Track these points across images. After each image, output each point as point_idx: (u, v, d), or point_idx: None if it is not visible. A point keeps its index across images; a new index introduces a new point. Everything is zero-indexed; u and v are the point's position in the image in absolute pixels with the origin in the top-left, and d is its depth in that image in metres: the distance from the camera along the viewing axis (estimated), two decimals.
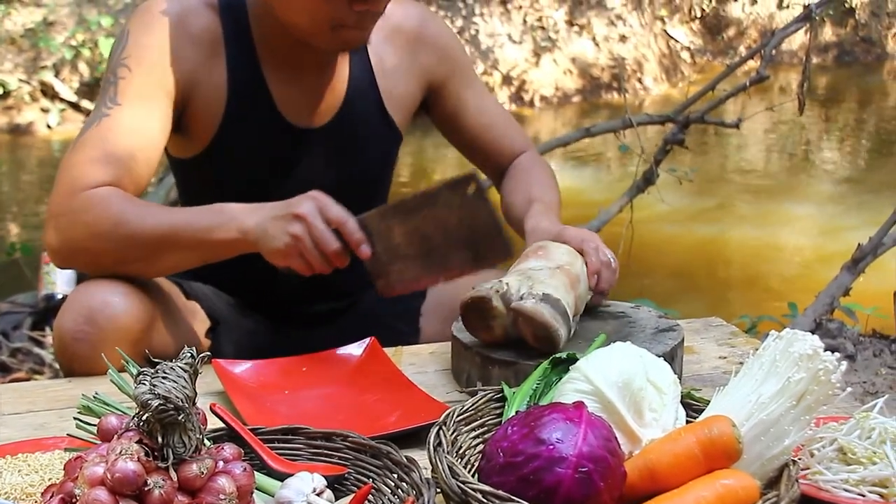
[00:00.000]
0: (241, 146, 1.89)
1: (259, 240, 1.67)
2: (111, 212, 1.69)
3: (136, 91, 1.76)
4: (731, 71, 4.26)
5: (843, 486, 1.28)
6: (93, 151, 1.73)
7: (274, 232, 1.65)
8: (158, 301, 1.79)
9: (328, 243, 1.64)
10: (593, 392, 1.23)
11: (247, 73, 1.86)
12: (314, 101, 1.92)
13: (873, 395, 2.94)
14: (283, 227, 1.65)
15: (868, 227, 4.03)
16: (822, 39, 11.66)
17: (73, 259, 1.75)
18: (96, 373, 1.64)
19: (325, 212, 1.65)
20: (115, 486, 1.00)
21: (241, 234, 1.68)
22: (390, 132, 2.01)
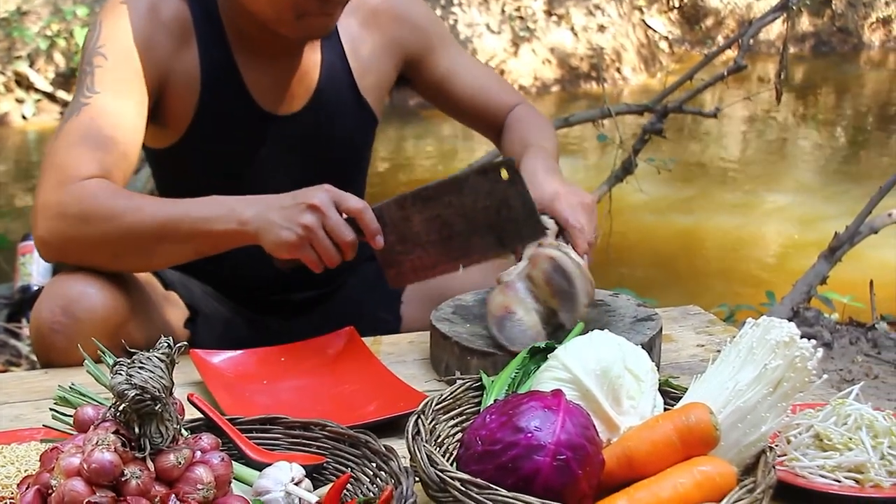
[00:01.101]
0: (215, 134, 1.88)
1: (261, 231, 1.64)
2: (104, 205, 1.67)
3: (113, 79, 1.75)
4: (709, 60, 4.27)
5: (819, 472, 1.29)
6: (77, 142, 1.72)
7: (282, 222, 1.62)
8: (136, 292, 1.78)
9: (344, 234, 1.61)
10: (571, 380, 1.23)
11: (218, 60, 1.85)
12: (287, 87, 1.91)
13: (850, 382, 2.96)
14: (294, 217, 1.61)
15: (845, 216, 4.06)
16: (799, 29, 11.71)
17: (63, 253, 1.73)
18: (73, 364, 1.62)
19: (341, 202, 1.63)
20: (92, 477, 1.00)
21: (240, 226, 1.65)
22: (365, 115, 2.01)
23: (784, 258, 5.53)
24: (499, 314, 1.61)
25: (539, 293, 1.61)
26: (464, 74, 2.07)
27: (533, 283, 1.61)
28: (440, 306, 1.76)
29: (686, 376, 1.47)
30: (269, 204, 1.65)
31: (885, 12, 12.17)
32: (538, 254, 1.62)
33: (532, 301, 1.61)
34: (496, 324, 1.61)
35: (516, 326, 1.59)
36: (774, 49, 10.65)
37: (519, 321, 1.59)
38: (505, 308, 1.61)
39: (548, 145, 1.96)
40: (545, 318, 1.61)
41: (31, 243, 3.59)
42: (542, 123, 2.07)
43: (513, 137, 2.03)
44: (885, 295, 3.77)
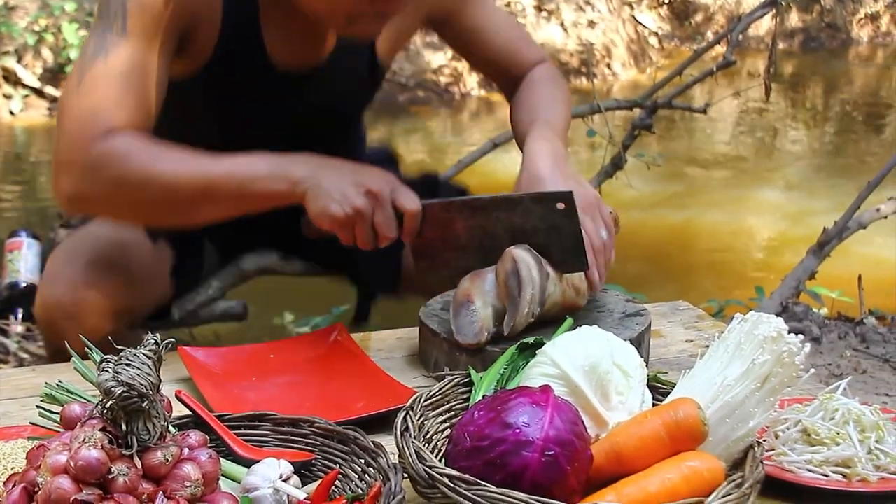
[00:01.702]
0: (225, 83, 1.83)
1: (311, 195, 1.58)
2: (139, 164, 1.58)
3: (145, 25, 1.65)
4: (699, 56, 4.27)
5: (806, 466, 1.29)
6: (104, 89, 1.61)
7: (336, 196, 1.57)
8: (133, 263, 1.76)
9: (389, 232, 1.60)
10: (560, 376, 1.23)
11: (242, 12, 1.79)
12: (305, 47, 1.88)
13: (838, 377, 2.97)
14: (350, 195, 1.58)
15: (833, 211, 4.07)
16: (788, 25, 11.72)
17: (89, 209, 1.67)
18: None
19: (397, 197, 1.61)
20: (79, 474, 0.99)
21: (291, 186, 1.59)
22: (376, 73, 1.99)
23: (773, 253, 5.54)
24: (459, 300, 1.61)
25: (498, 291, 1.60)
26: (491, 30, 2.03)
27: (495, 277, 1.61)
28: (429, 302, 1.76)
29: (675, 372, 1.47)
30: (325, 171, 1.60)
31: (873, 8, 12.20)
32: (508, 251, 1.60)
33: (494, 297, 1.60)
34: (454, 309, 1.60)
35: (469, 317, 1.58)
36: (764, 45, 10.67)
37: (473, 312, 1.58)
38: (466, 296, 1.60)
39: (556, 118, 1.90)
40: (499, 316, 1.59)
41: (19, 239, 3.58)
42: (556, 91, 2.01)
43: (522, 105, 1.98)
44: (873, 290, 3.78)
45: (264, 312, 4.18)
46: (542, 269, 1.59)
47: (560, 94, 2.02)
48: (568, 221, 1.60)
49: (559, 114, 1.94)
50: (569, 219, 1.59)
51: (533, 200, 1.61)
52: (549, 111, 1.93)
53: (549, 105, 1.96)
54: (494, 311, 1.59)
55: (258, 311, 4.09)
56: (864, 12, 12.27)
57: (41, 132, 7.77)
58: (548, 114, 1.92)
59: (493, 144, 4.27)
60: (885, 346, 3.26)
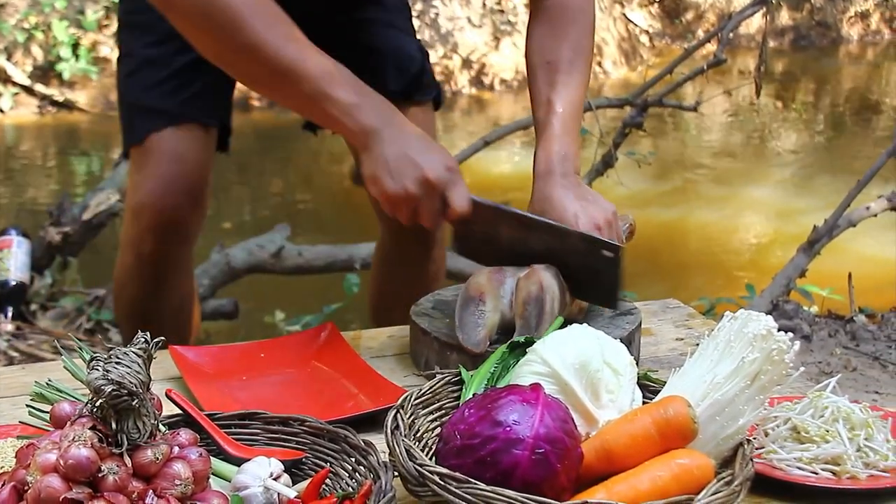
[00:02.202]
0: None
1: (370, 157, 1.59)
2: (247, 21, 1.56)
3: None
4: (689, 54, 4.28)
5: (796, 464, 1.30)
6: None
7: (393, 170, 1.57)
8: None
9: (431, 222, 1.61)
10: (550, 374, 1.23)
11: None
12: None
13: (828, 374, 2.98)
14: (405, 177, 1.56)
15: (823, 209, 4.08)
16: (778, 23, 11.74)
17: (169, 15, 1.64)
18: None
19: (451, 194, 1.59)
20: (69, 473, 0.99)
21: (357, 130, 1.59)
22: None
23: (763, 251, 5.56)
24: (471, 294, 1.60)
25: (514, 303, 1.59)
26: None
27: (516, 291, 1.59)
28: (419, 301, 1.76)
29: (665, 370, 1.47)
30: (392, 133, 1.59)
31: (862, 6, 12.22)
32: (537, 270, 1.59)
33: (507, 305, 1.59)
34: (462, 301, 1.59)
35: (475, 316, 1.57)
36: (754, 43, 10.68)
37: (480, 313, 1.57)
38: (479, 293, 1.59)
39: (574, 100, 1.81)
40: (503, 327, 1.59)
41: (8, 238, 3.57)
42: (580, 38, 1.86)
43: (540, 78, 1.83)
44: (863, 288, 3.79)
45: (255, 311, 4.18)
46: (563, 299, 1.58)
47: (585, 43, 1.87)
48: (611, 267, 1.59)
49: (577, 96, 1.83)
50: (613, 267, 1.59)
51: (581, 238, 1.60)
52: (568, 92, 1.81)
53: (566, 86, 1.82)
54: (501, 319, 1.58)
55: (249, 309, 4.10)
56: (853, 10, 12.30)
57: (31, 130, 7.75)
58: (566, 98, 1.81)
59: (483, 143, 4.27)
60: (875, 344, 3.28)
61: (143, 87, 2.02)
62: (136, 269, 2.06)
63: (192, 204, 2.01)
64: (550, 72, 1.81)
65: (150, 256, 2.02)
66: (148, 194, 1.98)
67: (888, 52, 11.90)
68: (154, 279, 2.06)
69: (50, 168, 7.18)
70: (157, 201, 1.97)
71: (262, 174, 6.72)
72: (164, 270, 2.06)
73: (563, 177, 1.71)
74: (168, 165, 1.97)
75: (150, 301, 2.09)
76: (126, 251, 2.07)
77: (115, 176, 4.11)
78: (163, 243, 2.01)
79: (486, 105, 9.14)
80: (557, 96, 1.78)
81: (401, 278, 2.33)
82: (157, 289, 2.08)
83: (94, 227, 3.92)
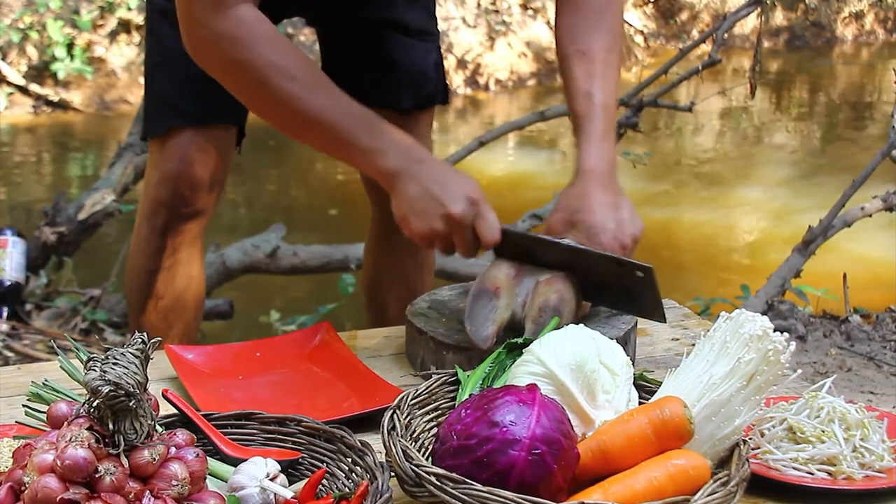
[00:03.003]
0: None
1: (397, 199, 1.63)
2: (260, 68, 1.63)
3: None
4: (684, 55, 4.28)
5: (792, 464, 1.30)
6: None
7: (418, 210, 1.60)
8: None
9: (466, 252, 1.62)
10: (546, 374, 1.24)
11: None
12: None
13: (823, 374, 2.99)
14: (431, 216, 1.59)
15: (818, 209, 4.09)
16: (773, 23, 11.75)
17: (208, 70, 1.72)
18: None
19: (479, 223, 1.60)
20: (66, 473, 0.99)
21: (381, 175, 1.65)
22: None
23: (759, 251, 5.56)
24: (486, 286, 1.59)
25: (527, 304, 1.58)
26: None
27: (533, 294, 1.59)
28: (416, 301, 1.76)
29: (661, 370, 1.47)
30: (415, 173, 1.62)
31: (857, 7, 12.25)
32: (558, 279, 1.58)
33: (519, 305, 1.59)
34: (475, 293, 1.58)
35: (486, 309, 1.57)
36: (749, 43, 10.69)
37: (493, 307, 1.57)
38: (496, 285, 1.59)
39: (613, 93, 1.80)
40: (510, 325, 1.58)
41: (3, 238, 3.56)
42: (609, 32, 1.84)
43: (576, 68, 1.80)
44: (858, 288, 3.80)
45: (250, 311, 4.17)
46: (577, 311, 1.59)
47: (618, 56, 1.86)
48: (647, 287, 1.58)
49: (612, 93, 1.81)
50: (648, 287, 1.58)
51: (611, 261, 1.59)
52: (605, 90, 1.79)
53: (603, 83, 1.80)
54: (511, 317, 1.58)
55: (244, 309, 4.10)
56: (848, 11, 12.32)
57: (26, 130, 7.74)
58: (603, 97, 1.78)
59: (479, 143, 4.27)
60: (870, 344, 3.28)
61: (170, 81, 2.08)
62: (148, 241, 2.13)
63: (207, 186, 2.09)
64: (586, 62, 1.80)
65: (163, 228, 2.09)
66: (166, 176, 2.06)
67: (882, 53, 11.92)
68: (164, 252, 2.12)
69: (45, 168, 7.18)
70: (175, 181, 2.05)
71: (258, 174, 6.71)
72: (174, 245, 2.12)
73: (607, 177, 1.73)
74: (189, 156, 2.05)
75: (159, 274, 2.15)
76: (141, 223, 2.15)
77: (110, 176, 4.11)
78: (176, 217, 2.08)
79: (480, 105, 9.15)
80: (597, 88, 1.77)
81: (394, 257, 2.36)
82: (166, 263, 2.14)
83: (89, 226, 3.91)
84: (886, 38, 12.30)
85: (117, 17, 8.22)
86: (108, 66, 8.25)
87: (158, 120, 2.10)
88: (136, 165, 4.00)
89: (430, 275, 2.40)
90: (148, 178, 2.16)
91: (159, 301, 2.15)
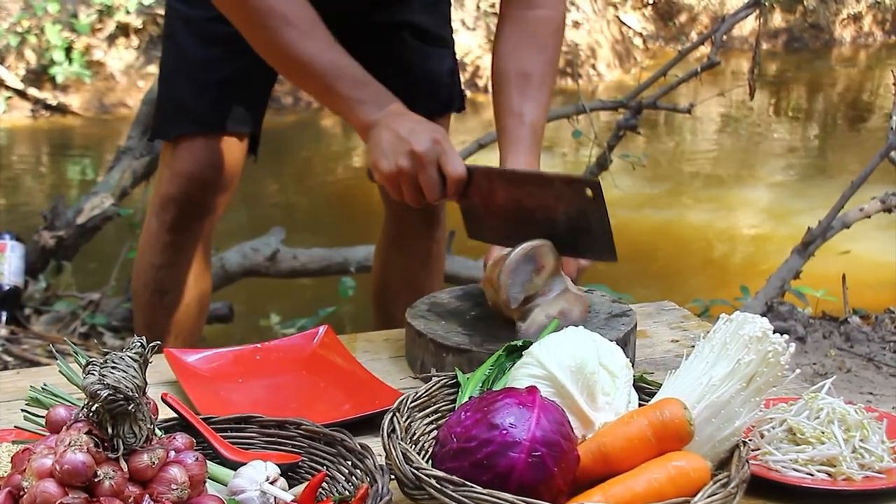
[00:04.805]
0: None
1: (370, 146, 1.71)
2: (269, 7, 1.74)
3: None
4: (683, 56, 4.28)
5: (792, 465, 1.30)
6: None
7: (386, 150, 1.68)
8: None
9: (432, 193, 1.67)
10: (546, 377, 1.23)
11: None
12: None
13: (823, 376, 2.98)
14: (396, 152, 1.67)
15: (817, 210, 4.09)
16: (771, 25, 11.76)
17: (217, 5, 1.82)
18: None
19: (444, 162, 1.67)
20: (65, 478, 0.99)
21: (360, 126, 1.74)
22: None
23: (758, 253, 5.56)
24: (535, 257, 1.59)
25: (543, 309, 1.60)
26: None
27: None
28: (415, 304, 1.76)
29: (661, 372, 1.47)
30: (388, 121, 1.70)
31: (855, 8, 12.25)
32: (572, 292, 1.62)
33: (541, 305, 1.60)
34: (521, 258, 1.58)
35: (526, 277, 1.58)
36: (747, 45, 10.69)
37: (530, 279, 1.59)
38: (542, 265, 1.60)
39: (543, 117, 1.86)
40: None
41: (2, 242, 3.56)
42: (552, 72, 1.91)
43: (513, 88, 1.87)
44: (857, 289, 3.80)
45: (250, 314, 4.17)
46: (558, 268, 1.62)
47: (550, 68, 1.92)
48: (596, 209, 1.60)
49: (545, 115, 1.89)
50: (597, 207, 1.60)
51: (563, 181, 1.63)
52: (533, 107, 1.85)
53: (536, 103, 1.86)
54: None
55: (244, 312, 4.09)
56: (846, 13, 12.33)
57: (24, 134, 7.73)
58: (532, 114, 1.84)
59: (478, 145, 4.27)
60: (870, 345, 3.28)
61: (188, 88, 2.11)
62: (157, 236, 2.15)
63: (218, 187, 2.12)
64: (523, 83, 1.87)
65: (172, 224, 2.11)
66: (178, 174, 2.09)
67: (881, 54, 11.93)
68: (171, 247, 2.15)
69: (43, 172, 7.17)
70: (187, 179, 2.08)
71: (257, 177, 6.72)
72: (182, 241, 2.15)
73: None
74: (201, 157, 2.09)
75: (165, 270, 2.17)
76: (151, 218, 2.17)
77: (108, 179, 4.11)
78: (185, 214, 2.11)
79: (480, 107, 9.14)
80: (528, 109, 1.84)
81: (404, 259, 2.38)
82: (173, 259, 2.16)
83: (88, 230, 3.91)
84: (885, 40, 12.30)
85: (116, 21, 8.23)
86: (107, 70, 8.25)
87: (172, 124, 2.13)
88: (135, 169, 4.01)
89: (439, 281, 2.41)
90: (159, 175, 2.19)
91: (164, 297, 2.16)
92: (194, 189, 2.08)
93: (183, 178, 2.07)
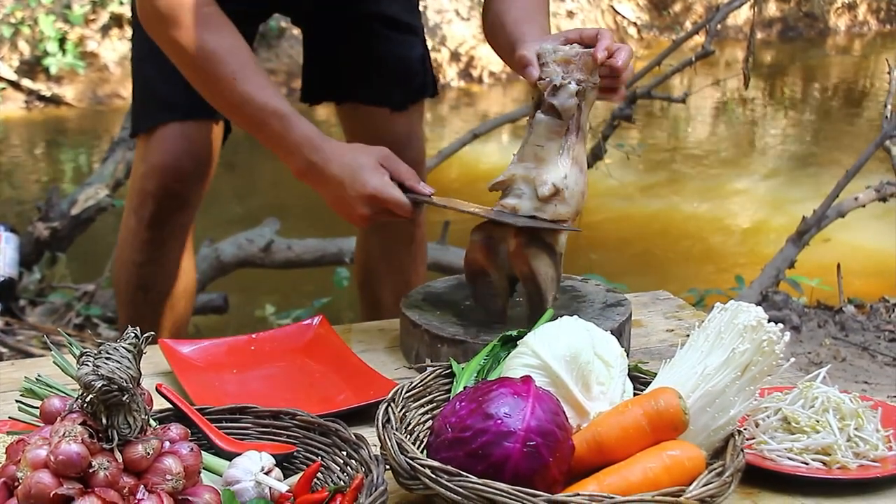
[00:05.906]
0: None
1: (326, 200, 1.72)
2: (205, 48, 1.71)
3: None
4: (677, 46, 4.28)
5: (787, 454, 1.30)
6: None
7: (338, 210, 1.71)
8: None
9: (402, 211, 1.67)
10: (541, 366, 1.24)
11: None
12: None
13: (818, 365, 2.99)
14: (353, 211, 1.69)
15: (812, 199, 4.09)
16: (766, 15, 11.75)
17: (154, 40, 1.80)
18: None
19: (395, 174, 1.68)
20: (59, 469, 0.99)
21: (297, 174, 1.73)
22: None
23: (753, 242, 5.56)
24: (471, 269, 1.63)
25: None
26: None
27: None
28: (410, 293, 1.76)
29: (656, 361, 1.47)
30: (320, 177, 1.70)
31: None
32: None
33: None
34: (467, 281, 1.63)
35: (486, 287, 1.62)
36: (742, 34, 10.69)
37: (488, 284, 1.63)
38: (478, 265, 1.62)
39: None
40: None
41: None
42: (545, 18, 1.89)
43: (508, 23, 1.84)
44: (852, 278, 3.80)
45: (245, 305, 4.17)
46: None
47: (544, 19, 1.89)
48: None
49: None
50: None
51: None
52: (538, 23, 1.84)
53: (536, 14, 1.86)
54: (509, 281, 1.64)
55: (239, 303, 4.09)
56: (841, 2, 12.32)
57: (18, 125, 7.71)
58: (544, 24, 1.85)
59: (473, 135, 4.27)
60: (864, 334, 3.29)
61: (157, 75, 2.07)
62: (136, 233, 2.13)
63: (195, 177, 2.09)
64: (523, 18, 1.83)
65: (151, 220, 2.09)
66: (153, 168, 2.06)
67: (875, 43, 11.92)
68: (152, 243, 2.12)
69: (37, 163, 7.15)
70: (162, 172, 2.06)
71: (251, 168, 6.70)
72: (162, 236, 2.12)
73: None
74: (176, 147, 2.06)
75: (147, 267, 2.15)
76: (129, 215, 2.15)
77: (102, 171, 4.11)
78: (163, 209, 2.08)
79: (474, 98, 9.13)
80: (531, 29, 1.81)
81: (387, 245, 2.37)
82: (154, 255, 2.14)
83: (82, 221, 3.90)
84: (879, 29, 12.30)
85: (109, 12, 8.20)
86: (101, 61, 8.23)
87: (146, 115, 2.11)
88: (129, 160, 3.99)
89: (424, 265, 2.41)
90: (135, 170, 2.16)
91: (148, 293, 2.14)
92: (171, 181, 2.05)
93: (158, 171, 2.05)
